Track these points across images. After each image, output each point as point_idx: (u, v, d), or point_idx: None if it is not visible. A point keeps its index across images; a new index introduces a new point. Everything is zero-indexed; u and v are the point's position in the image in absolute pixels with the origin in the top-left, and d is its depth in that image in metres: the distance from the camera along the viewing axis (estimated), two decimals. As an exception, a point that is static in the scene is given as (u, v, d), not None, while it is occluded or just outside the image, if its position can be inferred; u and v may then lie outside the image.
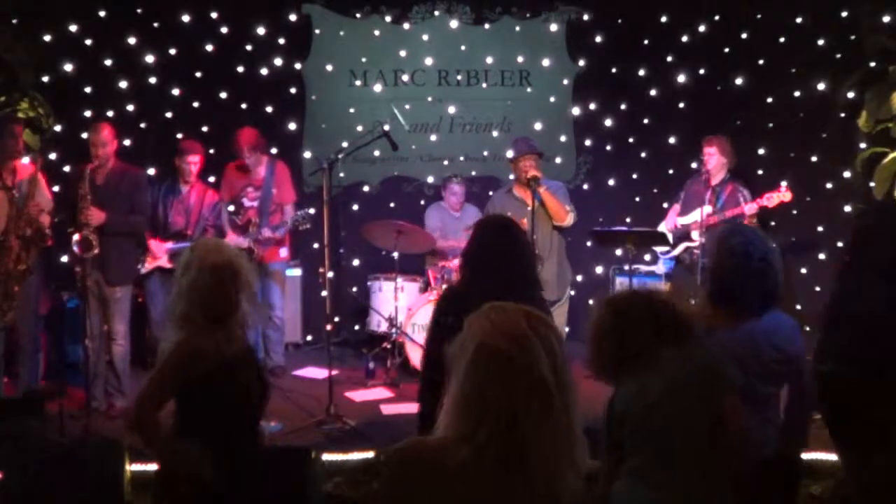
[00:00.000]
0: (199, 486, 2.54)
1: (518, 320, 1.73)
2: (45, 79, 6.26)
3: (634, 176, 7.20)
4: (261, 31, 6.81)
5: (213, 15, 6.74)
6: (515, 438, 1.64)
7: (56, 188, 5.41)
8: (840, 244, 6.10)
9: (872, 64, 6.31)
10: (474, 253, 3.22)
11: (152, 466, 3.81)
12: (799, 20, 6.77)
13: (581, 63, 7.13)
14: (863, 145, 6.46)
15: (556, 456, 1.68)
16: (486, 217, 3.50)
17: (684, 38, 6.97)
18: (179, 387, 2.59)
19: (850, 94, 6.53)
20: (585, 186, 7.25)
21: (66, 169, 5.82)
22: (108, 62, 6.52)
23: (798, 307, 6.23)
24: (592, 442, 2.37)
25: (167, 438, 2.61)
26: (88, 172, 4.89)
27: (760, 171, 6.69)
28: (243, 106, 6.83)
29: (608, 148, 7.19)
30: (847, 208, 6.41)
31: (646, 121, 7.12)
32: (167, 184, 5.72)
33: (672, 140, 7.04)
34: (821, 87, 6.71)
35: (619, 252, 6.88)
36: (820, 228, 6.63)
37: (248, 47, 6.83)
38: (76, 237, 4.72)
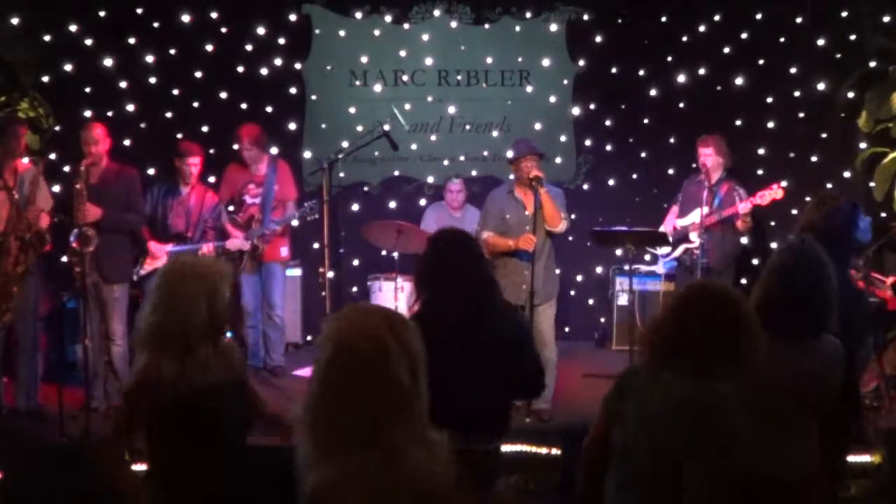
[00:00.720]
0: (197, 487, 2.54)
1: (377, 322, 1.71)
2: (45, 79, 6.27)
3: (634, 176, 7.19)
4: (261, 31, 6.80)
5: (213, 15, 6.73)
6: (376, 442, 1.63)
7: (56, 188, 5.41)
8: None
9: (872, 64, 6.33)
10: (431, 272, 3.00)
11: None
12: (799, 20, 6.78)
13: (581, 63, 7.12)
14: (863, 145, 6.47)
15: (417, 457, 1.65)
16: (440, 231, 3.26)
17: (684, 38, 6.96)
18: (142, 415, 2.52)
19: (850, 94, 6.54)
20: (585, 186, 7.24)
21: (66, 169, 5.82)
22: (108, 62, 6.52)
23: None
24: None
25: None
26: (83, 170, 4.89)
27: (760, 171, 6.69)
28: (243, 106, 6.82)
29: (608, 148, 7.18)
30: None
31: (646, 121, 7.11)
32: (167, 185, 5.68)
33: (672, 140, 7.03)
34: (821, 87, 6.72)
35: (619, 252, 6.88)
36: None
37: (248, 47, 6.82)
38: (74, 230, 4.73)
